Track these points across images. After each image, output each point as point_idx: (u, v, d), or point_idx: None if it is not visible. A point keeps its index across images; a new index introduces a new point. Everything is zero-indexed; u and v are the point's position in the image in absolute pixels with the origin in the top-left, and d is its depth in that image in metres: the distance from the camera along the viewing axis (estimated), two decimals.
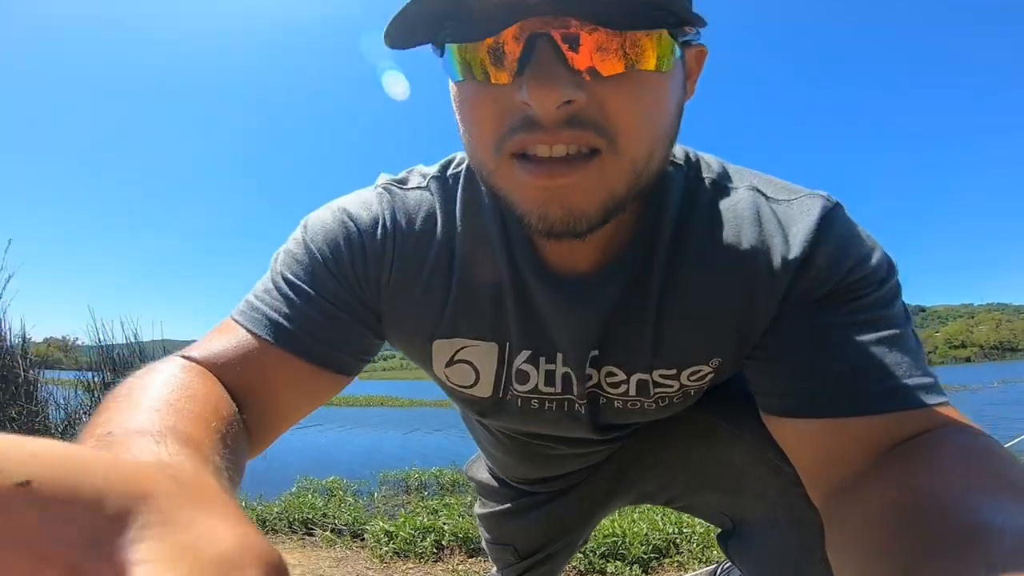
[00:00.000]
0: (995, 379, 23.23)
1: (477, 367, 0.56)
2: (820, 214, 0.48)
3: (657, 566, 2.66)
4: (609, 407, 0.58)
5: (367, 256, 0.51)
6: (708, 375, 0.54)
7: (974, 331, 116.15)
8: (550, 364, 0.55)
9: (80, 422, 5.48)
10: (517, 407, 0.59)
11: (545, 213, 0.41)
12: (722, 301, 0.50)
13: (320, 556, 2.98)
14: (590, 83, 0.37)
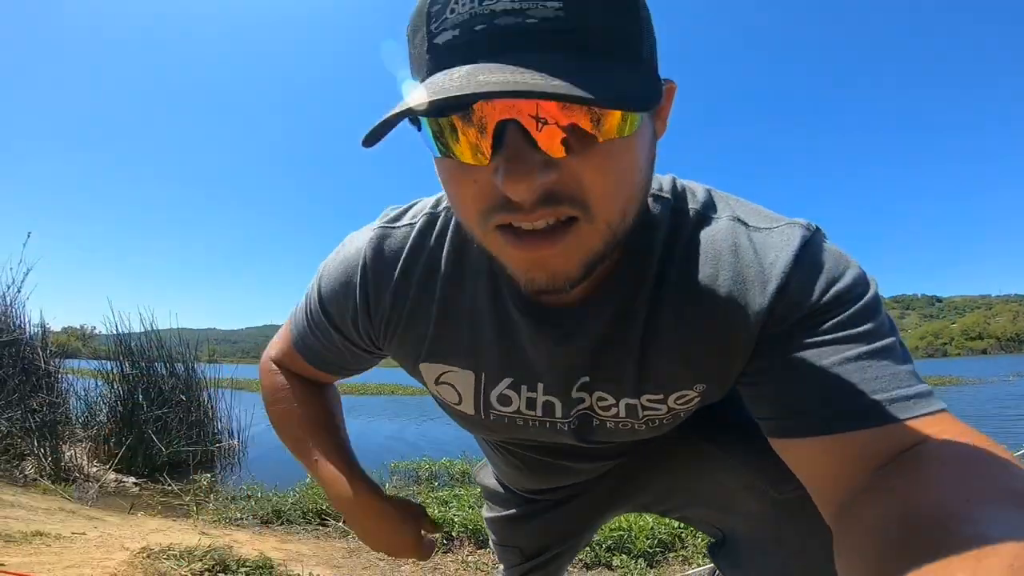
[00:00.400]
0: (1011, 372, 22.83)
1: (459, 390, 0.61)
2: (798, 243, 0.50)
3: (662, 560, 2.70)
4: (602, 428, 0.61)
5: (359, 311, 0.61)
6: (695, 399, 0.57)
7: (991, 323, 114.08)
8: (531, 392, 0.58)
9: (99, 412, 5.62)
10: (503, 424, 0.63)
11: (531, 278, 0.44)
12: (703, 332, 0.52)
13: (334, 547, 3.05)
14: (561, 160, 0.39)
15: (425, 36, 0.38)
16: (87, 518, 3.26)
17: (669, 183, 0.55)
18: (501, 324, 0.56)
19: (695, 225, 0.53)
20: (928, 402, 0.45)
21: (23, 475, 4.51)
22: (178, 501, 4.08)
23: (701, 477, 0.68)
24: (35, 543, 2.45)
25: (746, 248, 0.51)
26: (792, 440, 0.47)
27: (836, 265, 0.49)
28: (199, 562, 2.10)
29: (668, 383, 0.55)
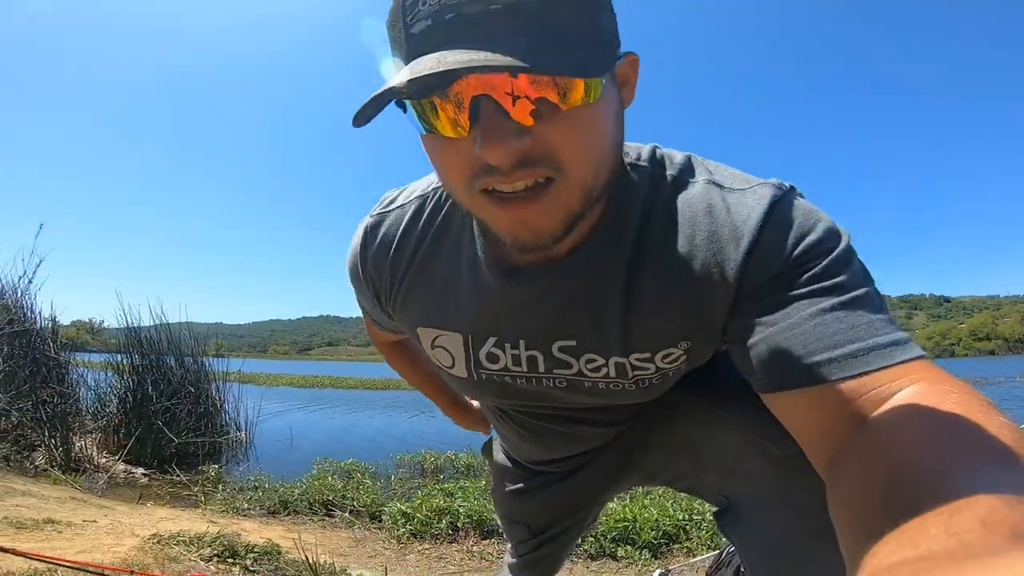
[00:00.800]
0: (1017, 373, 22.63)
1: (451, 352, 0.66)
2: (769, 201, 0.51)
3: (667, 551, 2.70)
4: (594, 389, 0.63)
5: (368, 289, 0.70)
6: (681, 357, 0.59)
7: (999, 323, 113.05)
8: (515, 350, 0.62)
9: (109, 403, 5.68)
10: (495, 383, 0.66)
11: (516, 236, 0.49)
12: (681, 290, 0.54)
13: (340, 537, 3.08)
14: (533, 127, 0.43)
15: (402, 28, 0.43)
16: (97, 507, 3.31)
17: (648, 152, 0.58)
18: (481, 288, 0.60)
19: (673, 190, 0.56)
20: (906, 349, 0.45)
21: (34, 465, 4.56)
22: (186, 491, 4.13)
23: (703, 439, 0.69)
24: (47, 530, 2.49)
25: (720, 208, 0.53)
26: (777, 394, 0.49)
27: (807, 220, 0.51)
28: (208, 548, 2.13)
29: (653, 341, 0.57)
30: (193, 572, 1.62)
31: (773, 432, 0.55)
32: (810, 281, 0.48)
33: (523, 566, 1.04)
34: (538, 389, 0.65)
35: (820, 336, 0.46)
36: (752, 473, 0.64)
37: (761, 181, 0.54)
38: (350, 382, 20.83)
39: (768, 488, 0.62)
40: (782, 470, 0.59)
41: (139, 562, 1.87)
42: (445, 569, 2.55)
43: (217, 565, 2.02)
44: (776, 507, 0.61)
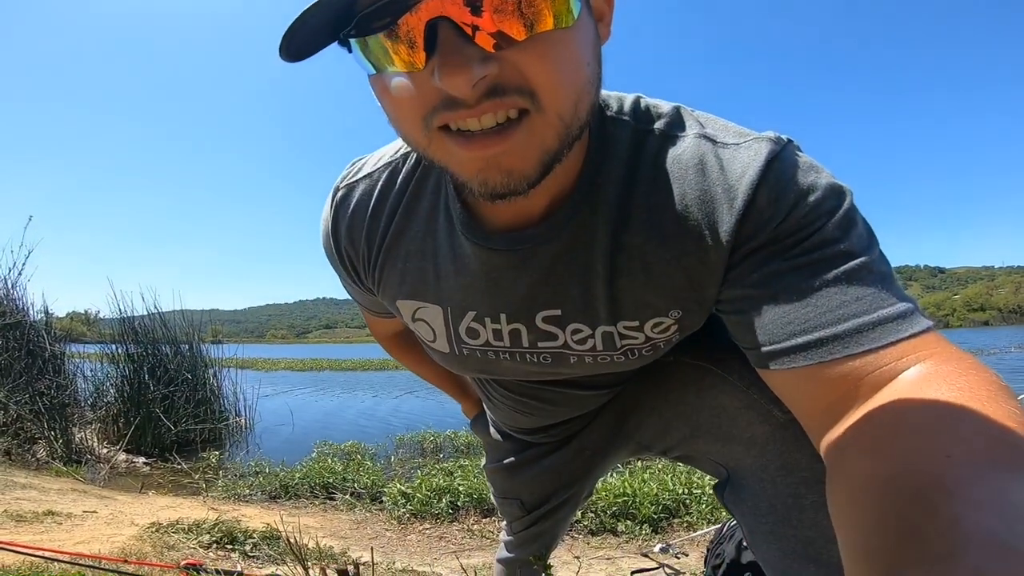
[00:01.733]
0: (1013, 344, 22.87)
1: (432, 326, 0.61)
2: (766, 157, 0.46)
3: (667, 526, 2.73)
4: (580, 363, 0.59)
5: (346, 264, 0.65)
6: (672, 327, 0.54)
7: (994, 294, 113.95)
8: (495, 324, 0.57)
9: (107, 393, 5.67)
10: (477, 359, 0.62)
11: (485, 179, 0.42)
12: (672, 255, 0.50)
13: (341, 519, 3.10)
14: (500, 52, 0.38)
15: None
16: (98, 497, 3.31)
17: (631, 103, 0.52)
18: (458, 258, 0.55)
19: (660, 145, 0.50)
20: (913, 322, 0.41)
21: (35, 458, 4.57)
22: (188, 479, 4.14)
23: (701, 404, 0.63)
24: (46, 522, 2.49)
25: (712, 165, 0.48)
26: (775, 371, 0.45)
27: (806, 177, 0.46)
28: (207, 534, 2.13)
29: (642, 309, 0.53)
30: (190, 559, 1.62)
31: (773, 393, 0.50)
32: (811, 248, 0.44)
33: (519, 543, 1.02)
34: (522, 366, 0.61)
35: (823, 309, 0.42)
36: (754, 440, 0.58)
37: (757, 135, 0.49)
38: (348, 364, 20.92)
39: (771, 456, 0.57)
40: (785, 435, 0.55)
41: (137, 551, 1.86)
42: (446, 548, 2.56)
43: (216, 552, 2.02)
44: (780, 476, 0.56)
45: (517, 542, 1.03)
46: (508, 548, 1.06)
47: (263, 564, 1.98)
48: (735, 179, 0.47)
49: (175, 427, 5.35)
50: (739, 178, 0.46)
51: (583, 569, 2.16)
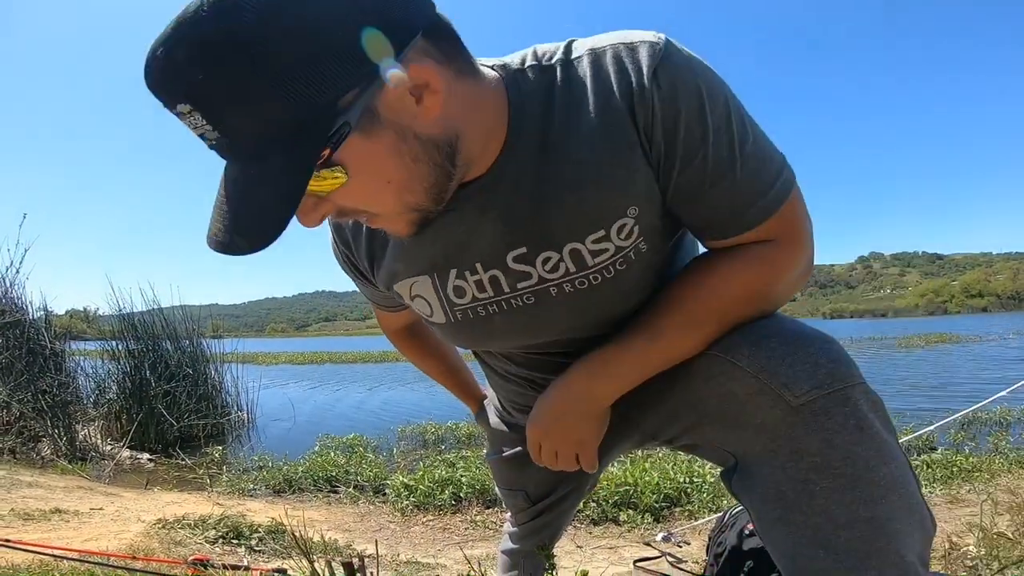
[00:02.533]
0: (1011, 330, 22.94)
1: (427, 298, 0.66)
2: (658, 56, 0.53)
3: (668, 515, 2.75)
4: (561, 295, 0.62)
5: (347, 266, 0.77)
6: (634, 227, 0.59)
7: (992, 280, 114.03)
8: (475, 275, 0.62)
9: (109, 389, 5.69)
10: (470, 320, 0.66)
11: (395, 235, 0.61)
12: (598, 149, 0.55)
13: (345, 512, 3.12)
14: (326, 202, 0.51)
15: None
16: (104, 494, 3.33)
17: (531, 53, 0.59)
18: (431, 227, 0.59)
19: (564, 72, 0.57)
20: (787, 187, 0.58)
21: (40, 456, 4.59)
22: (192, 475, 4.17)
23: (709, 391, 0.62)
24: (54, 520, 2.51)
25: (608, 72, 0.55)
26: (718, 241, 0.60)
27: (694, 71, 0.54)
28: (213, 530, 2.15)
29: (599, 216, 0.58)
30: (197, 555, 1.63)
31: (786, 377, 0.54)
32: (718, 134, 0.54)
33: (523, 535, 1.04)
34: (512, 318, 0.64)
35: (747, 192, 0.56)
36: (764, 426, 0.58)
37: (640, 37, 0.55)
38: (349, 356, 20.97)
39: (782, 442, 0.57)
40: (796, 420, 0.55)
41: (144, 547, 1.88)
42: (449, 540, 2.59)
43: (223, 547, 2.04)
44: (790, 463, 0.56)
45: (521, 533, 1.04)
46: (512, 539, 1.08)
47: (269, 558, 2.00)
48: (635, 75, 0.53)
49: (178, 423, 5.38)
50: (638, 72, 0.53)
51: (585, 558, 2.19)
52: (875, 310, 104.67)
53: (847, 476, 0.53)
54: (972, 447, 4.07)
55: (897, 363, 12.31)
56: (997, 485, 2.86)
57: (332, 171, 0.46)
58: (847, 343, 19.55)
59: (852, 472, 0.53)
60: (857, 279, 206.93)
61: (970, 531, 1.90)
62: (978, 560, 1.51)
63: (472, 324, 0.66)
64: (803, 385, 0.54)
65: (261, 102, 0.41)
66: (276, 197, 0.43)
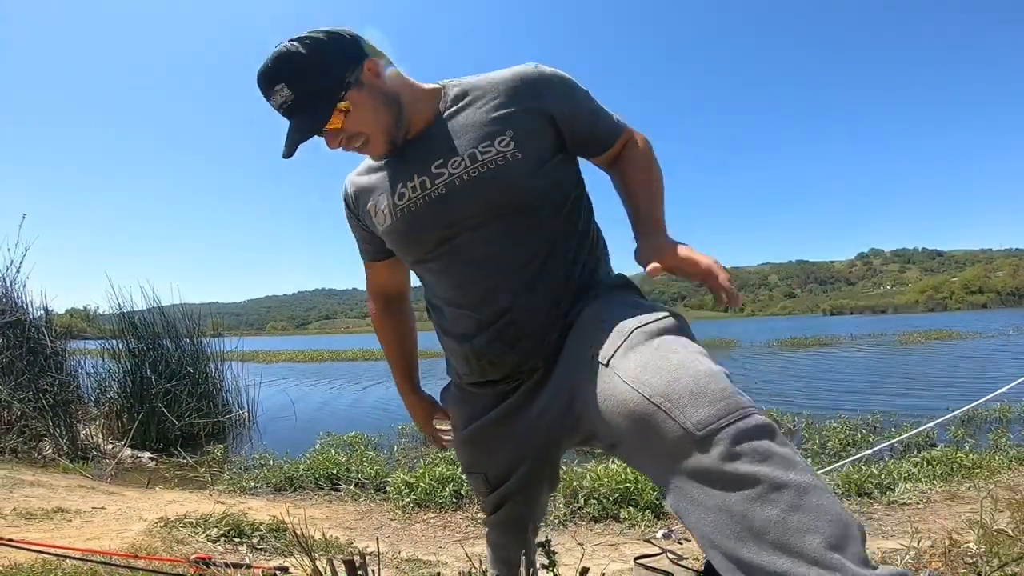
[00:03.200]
0: (1011, 326, 22.95)
1: (383, 210, 0.95)
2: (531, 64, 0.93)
3: (669, 512, 2.77)
4: (462, 184, 0.88)
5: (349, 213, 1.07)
6: (511, 141, 0.87)
7: (992, 277, 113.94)
8: (411, 182, 0.91)
9: (110, 388, 5.70)
10: (406, 216, 0.92)
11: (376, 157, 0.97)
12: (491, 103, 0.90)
13: (346, 510, 3.12)
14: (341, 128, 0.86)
15: None
16: (106, 493, 3.34)
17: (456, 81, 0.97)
18: (386, 164, 0.96)
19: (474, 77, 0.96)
20: (624, 122, 0.99)
21: (41, 456, 4.60)
22: (193, 473, 4.17)
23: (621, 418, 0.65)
24: (56, 519, 2.51)
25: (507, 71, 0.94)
26: (602, 156, 0.98)
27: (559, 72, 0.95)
28: (215, 528, 2.15)
29: (486, 133, 0.88)
30: (199, 553, 1.64)
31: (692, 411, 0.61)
32: (579, 90, 0.93)
33: (492, 524, 1.12)
34: (433, 208, 0.89)
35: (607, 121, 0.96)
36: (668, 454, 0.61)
37: None
38: (349, 354, 20.97)
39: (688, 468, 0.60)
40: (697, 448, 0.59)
41: (146, 546, 1.88)
42: (451, 537, 2.59)
43: (224, 545, 2.04)
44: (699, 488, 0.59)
45: (490, 523, 1.13)
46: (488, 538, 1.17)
47: (271, 556, 2.00)
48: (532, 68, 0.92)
49: (179, 421, 5.38)
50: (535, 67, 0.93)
51: (586, 556, 2.19)
52: (875, 306, 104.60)
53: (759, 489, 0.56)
54: (972, 444, 4.07)
55: (897, 360, 12.32)
56: (997, 482, 2.87)
57: (344, 105, 0.84)
58: (847, 340, 19.60)
59: (762, 488, 0.55)
60: (857, 275, 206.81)
61: (970, 528, 1.90)
62: (978, 557, 1.51)
63: (408, 218, 0.92)
64: (705, 416, 0.59)
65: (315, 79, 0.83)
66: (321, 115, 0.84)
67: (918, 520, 2.34)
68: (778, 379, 9.64)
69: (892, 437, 3.96)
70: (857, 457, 3.21)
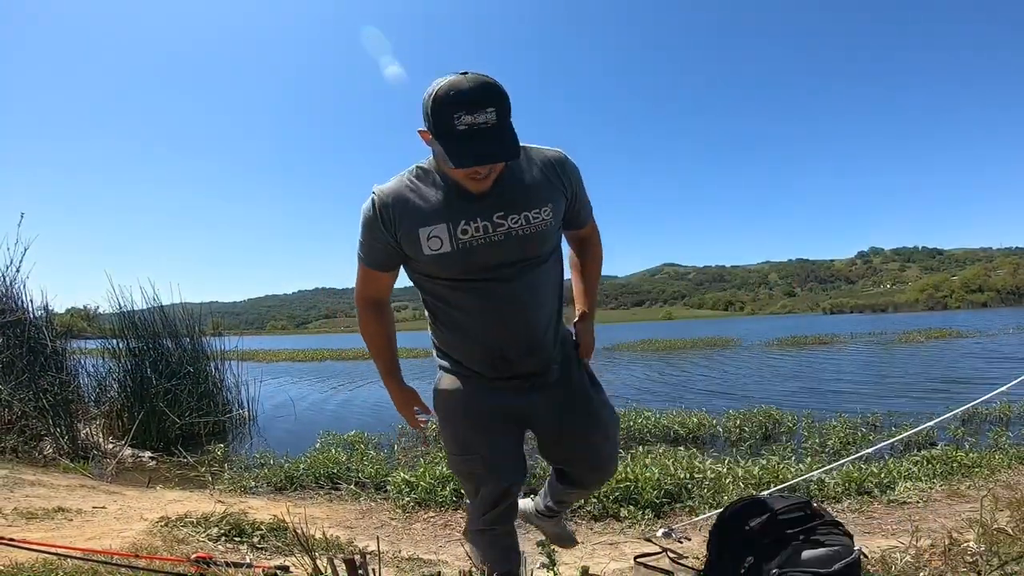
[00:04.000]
0: (1011, 325, 22.94)
1: (440, 237, 1.12)
2: (563, 153, 1.24)
3: (669, 510, 2.76)
4: (515, 234, 1.13)
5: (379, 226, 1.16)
6: (550, 211, 1.16)
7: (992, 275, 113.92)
8: (475, 223, 1.12)
9: (110, 388, 5.70)
10: (466, 250, 1.12)
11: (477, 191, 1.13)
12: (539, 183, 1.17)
13: (346, 509, 3.12)
14: None
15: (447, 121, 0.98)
16: (107, 493, 3.34)
17: None
18: (451, 199, 1.13)
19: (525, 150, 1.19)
20: (592, 211, 1.34)
21: (42, 455, 4.60)
22: (194, 472, 4.17)
23: None
24: (57, 518, 2.51)
25: (545, 152, 1.21)
26: (575, 231, 1.33)
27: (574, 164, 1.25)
28: (215, 527, 2.15)
29: (536, 200, 1.15)
30: (200, 553, 1.64)
31: None
32: (583, 189, 1.27)
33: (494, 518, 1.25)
34: (489, 246, 1.12)
35: (588, 207, 1.31)
36: None
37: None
38: (349, 353, 20.95)
39: None
40: None
41: (147, 545, 1.88)
42: (451, 536, 2.59)
43: (225, 544, 2.05)
44: None
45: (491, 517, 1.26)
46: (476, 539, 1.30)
47: (271, 555, 2.01)
48: (561, 156, 1.23)
49: (179, 420, 5.38)
50: (562, 155, 1.23)
51: (586, 554, 2.19)
52: (875, 305, 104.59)
53: None
54: (972, 443, 4.07)
55: (897, 359, 12.31)
56: (997, 481, 2.87)
57: None
58: (847, 339, 19.59)
59: None
60: (857, 274, 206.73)
61: (970, 527, 1.90)
62: (978, 556, 1.51)
63: (466, 251, 1.12)
64: None
65: (509, 116, 1.00)
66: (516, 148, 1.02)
67: (918, 519, 2.34)
68: (778, 378, 9.64)
69: (892, 436, 3.95)
70: (857, 456, 3.21)
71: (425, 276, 1.19)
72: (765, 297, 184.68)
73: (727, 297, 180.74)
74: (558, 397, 1.27)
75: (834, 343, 17.87)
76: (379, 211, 1.13)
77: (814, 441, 4.16)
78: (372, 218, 1.14)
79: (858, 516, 2.51)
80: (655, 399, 7.14)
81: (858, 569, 1.31)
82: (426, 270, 1.17)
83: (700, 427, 4.86)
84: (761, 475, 3.04)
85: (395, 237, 1.14)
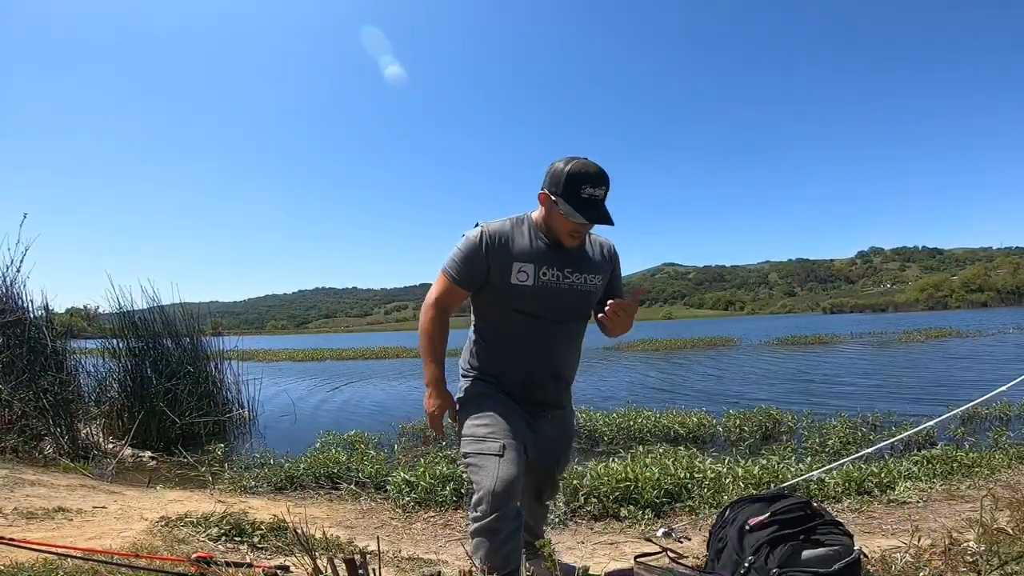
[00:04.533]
0: (1011, 325, 22.93)
1: (528, 272, 1.42)
2: (611, 244, 1.63)
3: (669, 510, 2.76)
4: (576, 288, 1.47)
5: (481, 250, 1.42)
6: (599, 279, 1.51)
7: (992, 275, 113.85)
8: (553, 270, 1.43)
9: (110, 388, 5.70)
10: (542, 287, 1.42)
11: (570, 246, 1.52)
12: (599, 260, 1.54)
13: (346, 509, 3.12)
14: None
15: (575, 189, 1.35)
16: (107, 493, 3.34)
17: None
18: (540, 247, 1.44)
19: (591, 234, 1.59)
20: None
21: (42, 455, 4.60)
22: (194, 472, 4.17)
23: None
24: (57, 518, 2.51)
25: (601, 240, 1.61)
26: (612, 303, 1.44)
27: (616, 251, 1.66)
28: (215, 527, 2.15)
29: (594, 268, 1.49)
30: (200, 552, 1.64)
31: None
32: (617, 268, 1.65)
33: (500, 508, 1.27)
34: (557, 290, 1.44)
35: (620, 285, 1.65)
36: None
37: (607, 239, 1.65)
38: (349, 353, 20.95)
39: None
40: None
41: (147, 545, 1.88)
42: (451, 536, 2.59)
43: (225, 544, 2.05)
44: None
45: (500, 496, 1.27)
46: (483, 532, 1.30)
47: (271, 555, 2.01)
48: (611, 246, 1.62)
49: (179, 420, 5.38)
50: (611, 246, 1.62)
51: (587, 554, 2.19)
52: (875, 305, 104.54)
53: None
54: (972, 442, 4.07)
55: (897, 359, 12.31)
56: (997, 481, 2.87)
57: None
58: (847, 338, 19.60)
59: None
60: (857, 274, 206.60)
61: (970, 527, 1.90)
62: (978, 556, 1.51)
63: (543, 287, 1.42)
64: None
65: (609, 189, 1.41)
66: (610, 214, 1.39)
67: (918, 518, 2.34)
68: (778, 378, 9.64)
69: (892, 436, 3.95)
70: (857, 456, 3.21)
71: (496, 302, 1.45)
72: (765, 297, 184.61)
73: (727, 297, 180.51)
74: (555, 433, 1.56)
75: (834, 343, 17.87)
76: (485, 240, 1.42)
77: (814, 441, 4.16)
78: (477, 244, 1.42)
79: (858, 516, 2.50)
80: (655, 399, 7.14)
81: (858, 569, 1.31)
82: (502, 297, 1.43)
83: (700, 427, 4.86)
84: (761, 475, 3.04)
85: (489, 264, 1.41)
